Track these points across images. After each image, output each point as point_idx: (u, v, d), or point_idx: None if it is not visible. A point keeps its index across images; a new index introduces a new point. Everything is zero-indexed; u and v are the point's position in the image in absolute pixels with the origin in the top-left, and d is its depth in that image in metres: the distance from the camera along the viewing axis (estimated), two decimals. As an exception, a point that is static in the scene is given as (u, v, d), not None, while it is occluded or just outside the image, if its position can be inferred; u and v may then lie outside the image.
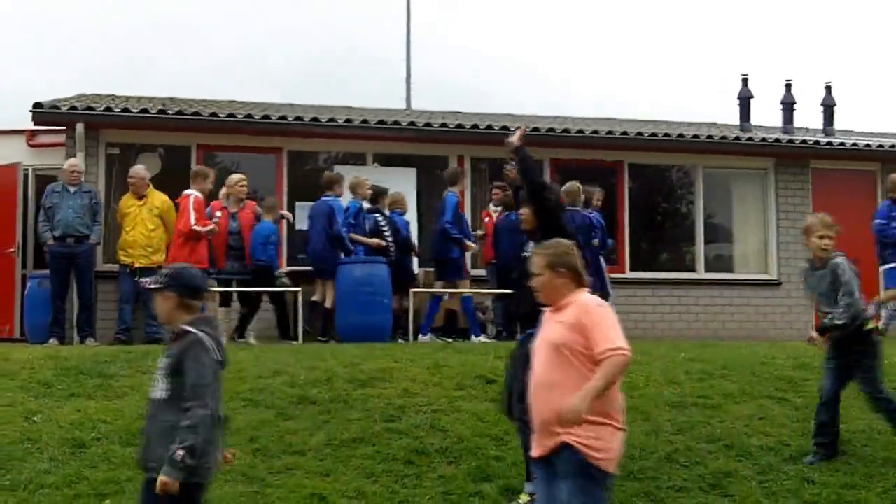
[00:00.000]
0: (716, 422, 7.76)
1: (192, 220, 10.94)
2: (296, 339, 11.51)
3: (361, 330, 10.83)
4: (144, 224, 11.73)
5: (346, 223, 11.72)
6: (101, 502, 5.98)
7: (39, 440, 6.85)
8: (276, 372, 8.38)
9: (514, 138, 6.77)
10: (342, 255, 11.66)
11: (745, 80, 16.39)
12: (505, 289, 11.34)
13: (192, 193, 11.20)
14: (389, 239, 11.92)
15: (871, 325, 7.09)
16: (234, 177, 12.10)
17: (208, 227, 11.06)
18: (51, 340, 11.22)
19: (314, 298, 11.81)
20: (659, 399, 8.16)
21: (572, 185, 11.70)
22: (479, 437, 7.14)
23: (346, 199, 12.11)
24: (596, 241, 12.04)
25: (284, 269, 12.63)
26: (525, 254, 6.38)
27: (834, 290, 6.93)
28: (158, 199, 11.89)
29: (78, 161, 12.00)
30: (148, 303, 11.77)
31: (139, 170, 11.99)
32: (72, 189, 11.63)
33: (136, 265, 11.70)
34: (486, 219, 12.96)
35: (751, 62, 42.33)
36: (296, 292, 11.90)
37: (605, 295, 12.38)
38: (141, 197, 11.82)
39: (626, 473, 6.75)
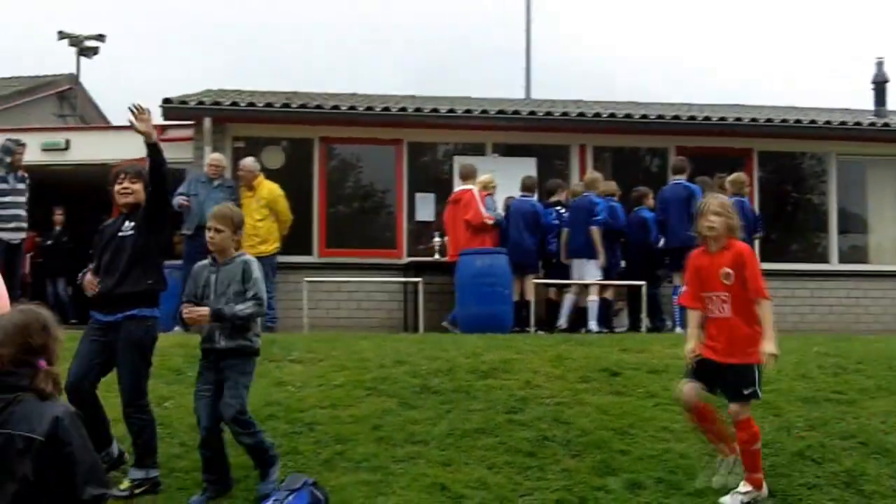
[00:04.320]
0: (850, 418, 7.46)
1: (484, 213, 11.48)
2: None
3: (483, 321, 10.80)
4: (251, 215, 11.98)
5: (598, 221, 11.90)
6: (228, 487, 6.07)
7: (171, 426, 7.00)
8: (398, 361, 8.41)
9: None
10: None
11: (879, 64, 15.77)
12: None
13: (473, 188, 11.68)
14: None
15: None
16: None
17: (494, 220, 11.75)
18: (175, 328, 11.51)
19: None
20: (791, 394, 7.89)
21: (739, 174, 12.02)
22: (603, 431, 7.01)
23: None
24: (760, 235, 12.12)
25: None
26: None
27: None
28: (266, 189, 12.12)
29: (221, 157, 12.31)
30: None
31: (248, 162, 12.26)
32: (214, 182, 11.97)
33: None
34: None
35: (886, 44, 40.79)
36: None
37: None
38: (250, 188, 12.08)
39: (756, 470, 6.56)
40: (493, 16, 44.95)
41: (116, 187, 6.35)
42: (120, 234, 6.26)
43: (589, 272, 11.80)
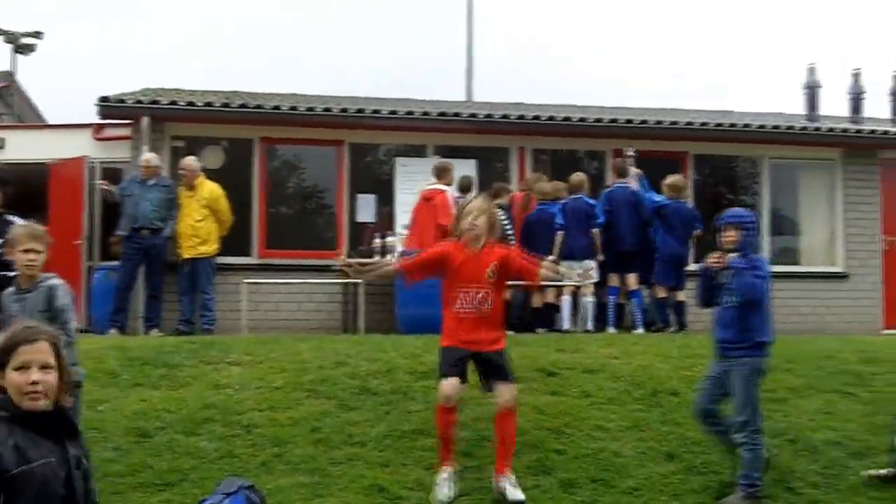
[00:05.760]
0: (780, 416, 7.64)
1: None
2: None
3: (422, 322, 10.83)
4: (191, 215, 11.92)
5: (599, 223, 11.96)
6: (164, 491, 6.05)
7: (104, 429, 6.96)
8: (337, 363, 8.43)
9: None
10: None
11: (811, 70, 16.11)
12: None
13: (446, 189, 11.55)
14: (510, 235, 12.02)
15: None
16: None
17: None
18: (111, 330, 11.41)
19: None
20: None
21: (678, 178, 12.16)
22: (539, 431, 7.11)
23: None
24: (698, 232, 12.18)
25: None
26: None
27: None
28: (207, 189, 12.05)
29: (152, 156, 12.20)
30: (203, 294, 12.00)
31: (189, 161, 12.19)
32: (149, 182, 11.86)
33: (185, 256, 11.91)
34: None
35: (818, 51, 41.58)
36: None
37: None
38: (191, 188, 12.01)
39: (688, 467, 6.70)
40: (436, 19, 45.02)
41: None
42: None
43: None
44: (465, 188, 12.31)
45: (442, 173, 11.80)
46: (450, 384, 6.20)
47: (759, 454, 6.35)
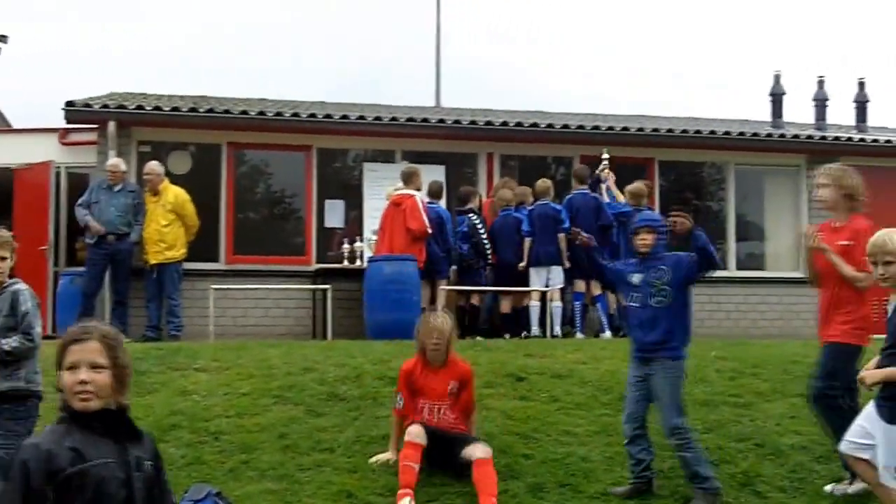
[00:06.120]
0: (746, 420, 7.70)
1: (426, 223, 11.27)
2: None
3: (390, 327, 10.83)
4: (157, 220, 11.84)
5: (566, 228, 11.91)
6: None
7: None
8: (305, 369, 8.40)
9: None
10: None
11: (777, 77, 16.28)
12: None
13: (416, 194, 11.52)
14: (484, 239, 12.02)
15: None
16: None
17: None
18: None
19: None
20: (689, 397, 7.98)
21: (639, 185, 12.14)
22: (507, 436, 7.12)
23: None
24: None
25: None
26: None
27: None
28: (172, 194, 11.98)
29: (118, 161, 12.11)
30: (169, 300, 11.93)
31: (153, 166, 12.11)
32: (115, 188, 11.77)
33: (152, 262, 11.83)
34: None
35: (783, 59, 42.02)
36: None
37: None
38: (155, 193, 11.93)
39: (655, 471, 6.72)
40: (405, 23, 45.03)
41: None
42: None
43: (557, 278, 11.93)
44: (435, 193, 12.34)
45: (410, 178, 11.81)
46: (416, 426, 6.40)
47: (699, 450, 6.38)
